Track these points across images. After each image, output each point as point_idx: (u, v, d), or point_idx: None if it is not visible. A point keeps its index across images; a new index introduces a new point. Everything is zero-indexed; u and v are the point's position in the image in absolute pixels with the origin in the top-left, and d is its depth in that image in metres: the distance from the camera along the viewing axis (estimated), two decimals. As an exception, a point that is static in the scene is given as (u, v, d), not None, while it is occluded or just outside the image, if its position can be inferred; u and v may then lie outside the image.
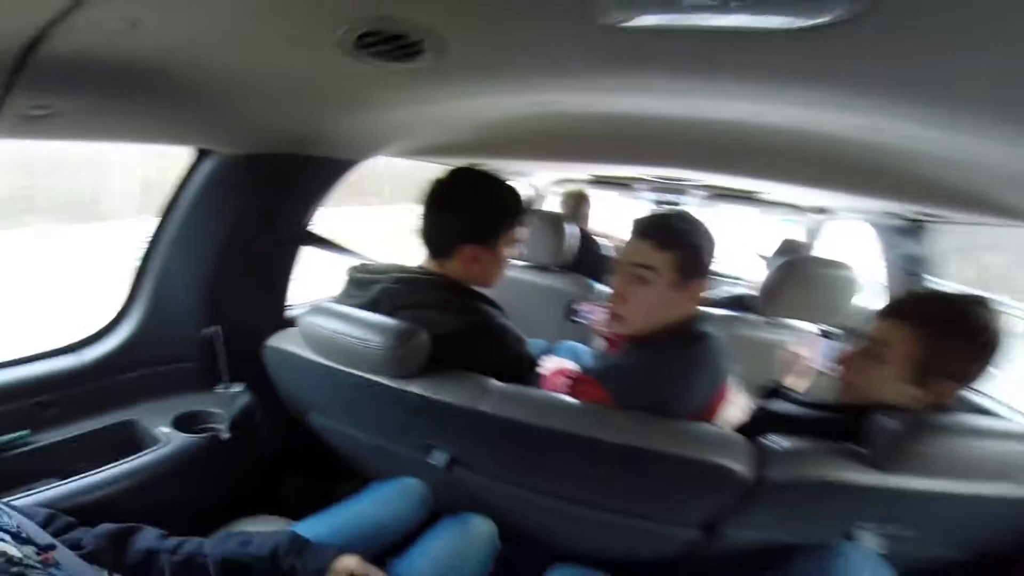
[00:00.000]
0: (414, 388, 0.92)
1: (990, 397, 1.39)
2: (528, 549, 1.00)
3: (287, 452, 1.26)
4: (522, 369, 1.02)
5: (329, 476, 1.24)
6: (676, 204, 2.57)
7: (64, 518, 0.73)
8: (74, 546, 0.67)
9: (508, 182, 1.06)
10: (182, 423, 1.05)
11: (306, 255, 1.30)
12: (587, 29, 0.51)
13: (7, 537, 0.56)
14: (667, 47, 0.57)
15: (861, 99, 0.66)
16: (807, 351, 1.28)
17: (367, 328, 0.91)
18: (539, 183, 2.74)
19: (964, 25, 0.43)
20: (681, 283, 0.93)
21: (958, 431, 0.78)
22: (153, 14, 0.54)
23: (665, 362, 0.92)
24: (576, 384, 0.97)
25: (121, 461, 0.93)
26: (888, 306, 0.94)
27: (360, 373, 0.95)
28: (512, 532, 0.98)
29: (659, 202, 2.58)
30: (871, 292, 1.96)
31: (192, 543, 0.75)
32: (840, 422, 0.87)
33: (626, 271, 0.96)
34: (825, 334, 1.52)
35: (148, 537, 0.74)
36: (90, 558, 0.66)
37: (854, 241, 2.35)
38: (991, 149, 0.73)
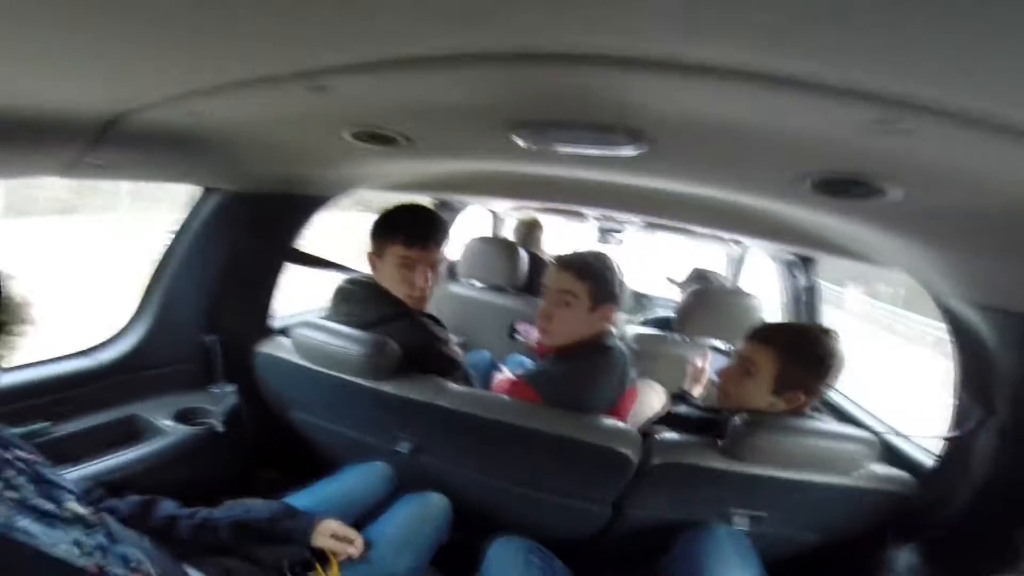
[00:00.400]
0: (386, 388, 1.14)
1: (851, 401, 1.73)
2: (478, 523, 1.18)
3: (268, 446, 1.44)
4: (434, 357, 1.23)
5: (302, 472, 1.39)
6: (619, 231, 2.90)
7: (98, 490, 0.89)
8: (111, 512, 0.83)
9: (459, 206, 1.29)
10: (182, 417, 1.23)
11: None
12: (507, 146, 0.77)
13: (72, 498, 0.70)
14: (563, 157, 0.84)
15: (700, 187, 0.96)
16: (705, 364, 1.57)
17: (349, 340, 1.14)
18: (498, 209, 3.02)
19: (709, 154, 0.71)
20: (594, 307, 1.18)
21: (787, 429, 1.01)
22: (210, 108, 0.75)
23: (580, 369, 1.18)
24: (513, 386, 1.22)
25: (132, 448, 1.10)
26: (755, 331, 1.17)
27: (342, 375, 1.16)
28: (465, 508, 1.18)
29: (603, 229, 2.89)
30: (778, 315, 2.31)
31: (204, 511, 0.93)
32: (718, 422, 1.10)
33: (552, 296, 1.20)
34: (725, 352, 1.83)
35: (168, 506, 0.92)
36: (125, 522, 0.80)
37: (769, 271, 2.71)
38: (805, 217, 1.03)
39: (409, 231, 1.21)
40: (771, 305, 2.21)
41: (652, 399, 1.60)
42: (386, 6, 0.37)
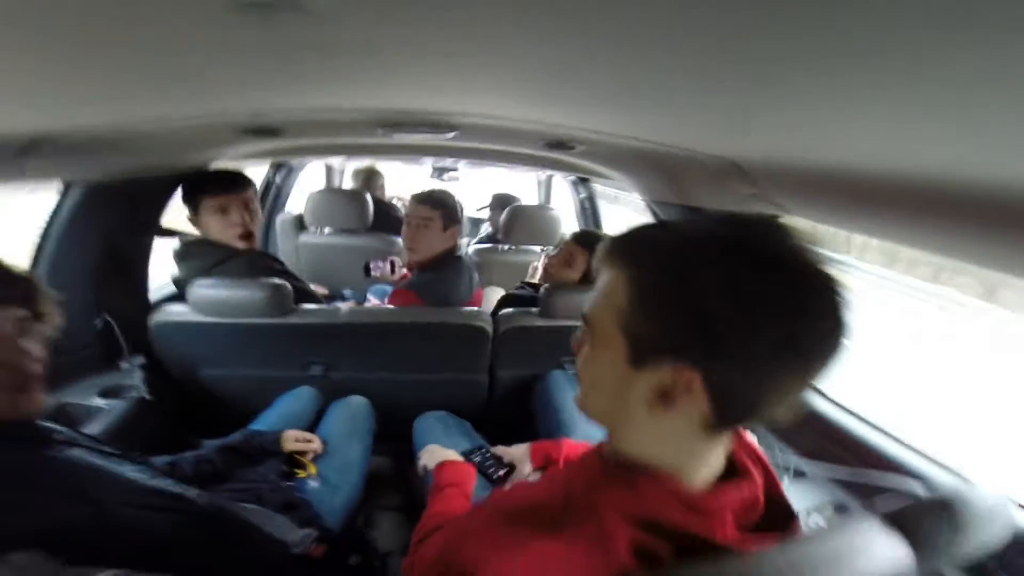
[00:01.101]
0: (290, 319, 1.43)
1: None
2: (395, 416, 1.46)
3: (187, 411, 1.59)
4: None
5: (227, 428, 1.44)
6: (454, 169, 3.31)
7: None
8: None
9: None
10: (108, 395, 1.34)
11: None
12: (372, 134, 1.14)
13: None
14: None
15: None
16: (538, 262, 2.19)
17: (248, 287, 1.38)
18: (334, 162, 3.16)
19: (487, 136, 1.19)
20: (445, 227, 1.66)
21: (573, 290, 1.54)
22: (133, 133, 0.94)
23: (443, 273, 1.66)
24: (396, 296, 1.64)
25: (84, 430, 1.15)
26: (579, 235, 1.70)
27: (250, 320, 1.40)
28: (381, 406, 1.49)
29: (436, 168, 3.28)
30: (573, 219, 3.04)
31: (189, 453, 1.14)
32: (537, 295, 1.64)
33: (414, 222, 1.65)
34: (544, 251, 2.49)
35: (159, 458, 1.07)
36: None
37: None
38: (556, 156, 1.55)
39: (213, 182, 1.49)
40: (569, 213, 2.92)
41: (495, 297, 2.17)
42: (324, 76, 0.65)
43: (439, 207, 1.66)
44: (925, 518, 0.52)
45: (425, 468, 1.16)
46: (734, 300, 0.43)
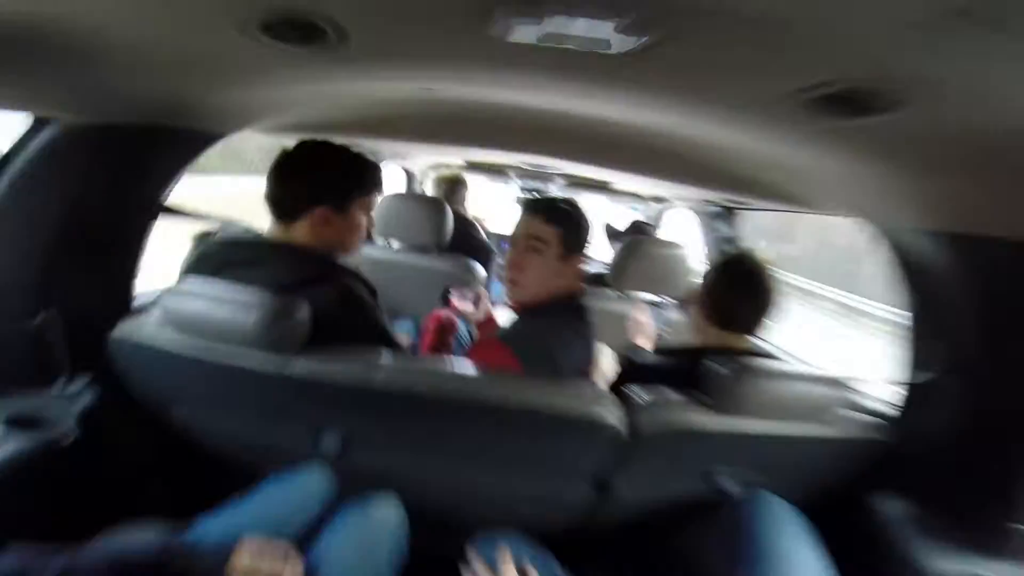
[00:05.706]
0: (297, 368, 0.90)
1: (773, 345, 1.82)
2: (441, 529, 1.01)
3: (149, 453, 1.13)
4: (378, 340, 1.02)
5: (204, 479, 1.12)
6: (542, 192, 2.79)
7: None
8: None
9: (377, 161, 1.10)
10: (16, 426, 0.89)
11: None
12: (477, 37, 0.60)
13: None
14: (542, 58, 0.68)
15: (678, 107, 0.86)
16: (645, 317, 1.54)
17: (241, 305, 0.86)
18: (414, 167, 2.73)
19: (712, 59, 0.61)
20: (565, 255, 1.08)
21: (773, 375, 0.93)
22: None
23: (559, 329, 1.06)
24: (482, 349, 1.08)
25: None
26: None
27: (234, 358, 0.90)
28: (421, 513, 0.96)
29: (525, 188, 2.76)
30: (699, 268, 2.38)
31: (62, 557, 0.65)
32: (682, 366, 1.05)
33: (521, 243, 1.09)
34: (655, 304, 1.83)
35: (7, 559, 0.63)
36: None
37: (683, 226, 2.78)
38: (776, 149, 0.97)
39: (375, 176, 1.09)
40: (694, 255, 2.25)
41: (603, 360, 1.53)
42: None
43: (561, 224, 1.08)
44: None
45: None
46: None
